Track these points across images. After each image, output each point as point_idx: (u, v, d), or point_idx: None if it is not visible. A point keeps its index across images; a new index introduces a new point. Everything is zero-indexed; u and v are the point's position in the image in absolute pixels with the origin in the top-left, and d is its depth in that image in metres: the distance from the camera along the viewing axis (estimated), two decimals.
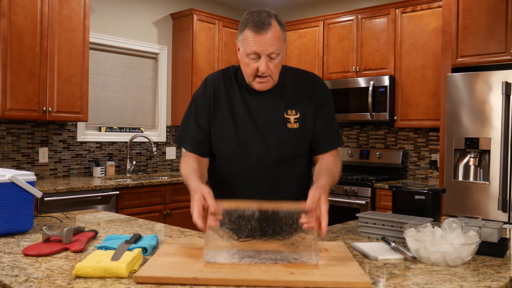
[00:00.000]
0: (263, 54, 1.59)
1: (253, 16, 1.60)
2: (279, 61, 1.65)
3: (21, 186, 1.71)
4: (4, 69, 3.48)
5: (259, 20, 1.58)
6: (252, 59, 1.61)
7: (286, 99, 1.74)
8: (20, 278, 1.22)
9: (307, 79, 1.80)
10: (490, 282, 1.22)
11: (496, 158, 3.29)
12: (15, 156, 3.91)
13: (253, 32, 1.58)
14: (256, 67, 1.62)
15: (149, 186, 4.10)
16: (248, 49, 1.60)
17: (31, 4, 3.62)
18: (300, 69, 1.88)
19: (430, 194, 1.79)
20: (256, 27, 1.58)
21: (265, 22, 1.58)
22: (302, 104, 1.74)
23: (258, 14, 1.61)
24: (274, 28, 1.59)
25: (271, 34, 1.58)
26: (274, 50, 1.59)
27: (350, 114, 4.62)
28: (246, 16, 1.63)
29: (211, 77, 1.81)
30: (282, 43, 1.63)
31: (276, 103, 1.73)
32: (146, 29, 4.92)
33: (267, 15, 1.61)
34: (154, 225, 2.00)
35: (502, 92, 3.25)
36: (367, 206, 4.15)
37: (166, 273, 1.21)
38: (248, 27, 1.59)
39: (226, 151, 1.74)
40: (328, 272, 1.24)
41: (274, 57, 1.61)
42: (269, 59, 1.61)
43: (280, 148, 1.71)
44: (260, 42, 1.58)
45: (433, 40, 4.16)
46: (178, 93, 5.05)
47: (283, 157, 1.72)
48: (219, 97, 1.75)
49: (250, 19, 1.60)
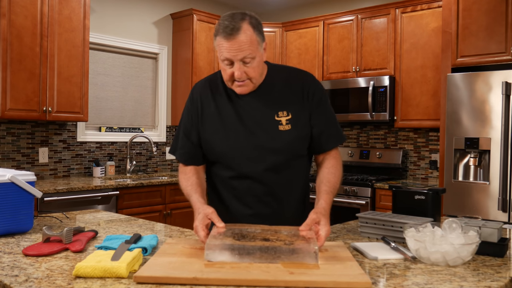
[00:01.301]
0: (235, 59, 1.54)
1: (224, 21, 1.55)
2: (257, 64, 1.59)
3: (21, 186, 1.71)
4: (4, 69, 3.48)
5: (228, 25, 1.53)
6: (226, 64, 1.57)
7: (276, 100, 1.69)
8: (20, 278, 1.22)
9: (297, 78, 1.74)
10: (490, 282, 1.22)
11: (496, 158, 3.29)
12: (15, 156, 3.91)
13: (223, 38, 1.53)
14: (231, 72, 1.58)
15: (149, 186, 4.11)
16: (221, 56, 1.57)
17: (31, 4, 3.62)
18: (290, 67, 1.82)
19: (430, 194, 1.79)
20: (225, 33, 1.53)
21: (234, 27, 1.52)
22: (294, 104, 1.69)
23: (230, 18, 1.55)
24: (245, 32, 1.53)
25: (241, 39, 1.52)
26: (246, 54, 1.54)
27: (350, 114, 4.62)
28: (219, 21, 1.58)
29: (198, 86, 1.78)
30: (256, 45, 1.56)
31: (266, 105, 1.68)
32: (146, 29, 4.92)
33: (239, 19, 1.55)
34: (154, 225, 2.00)
35: (502, 92, 3.25)
36: (367, 206, 4.15)
37: (166, 273, 1.21)
38: (219, 33, 1.55)
39: (218, 158, 1.71)
40: (328, 272, 1.24)
41: (248, 61, 1.56)
42: (242, 64, 1.56)
43: (273, 151, 1.67)
44: (230, 48, 1.53)
45: (433, 40, 4.16)
46: (178, 93, 5.05)
47: (277, 160, 1.68)
48: (206, 105, 1.71)
49: (221, 24, 1.55)
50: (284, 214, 1.72)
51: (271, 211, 1.70)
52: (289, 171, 1.72)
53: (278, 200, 1.71)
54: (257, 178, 1.68)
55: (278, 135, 1.66)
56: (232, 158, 1.68)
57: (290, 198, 1.74)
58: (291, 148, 1.69)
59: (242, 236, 1.39)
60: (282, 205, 1.72)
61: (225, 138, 1.68)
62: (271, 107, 1.68)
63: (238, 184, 1.70)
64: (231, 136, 1.67)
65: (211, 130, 1.70)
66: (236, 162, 1.68)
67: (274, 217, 1.69)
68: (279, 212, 1.71)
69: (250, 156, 1.66)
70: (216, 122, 1.69)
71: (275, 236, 1.40)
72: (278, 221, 1.63)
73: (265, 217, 1.68)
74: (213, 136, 1.69)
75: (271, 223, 1.57)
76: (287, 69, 1.80)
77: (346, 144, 5.11)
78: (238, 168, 1.69)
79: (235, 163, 1.68)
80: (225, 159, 1.70)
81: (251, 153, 1.66)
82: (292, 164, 1.72)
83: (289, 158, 1.70)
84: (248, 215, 1.70)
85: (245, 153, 1.67)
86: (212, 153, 1.72)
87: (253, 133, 1.66)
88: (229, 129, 1.68)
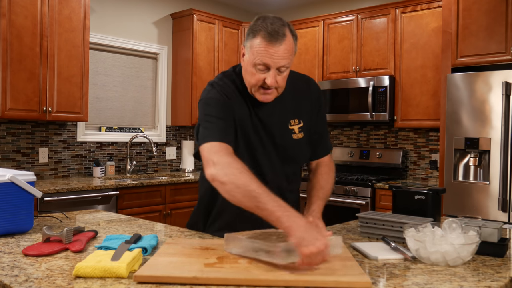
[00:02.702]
0: (274, 67, 1.46)
1: (267, 23, 1.45)
2: (287, 74, 1.53)
3: (21, 186, 1.71)
4: (4, 69, 3.48)
5: (273, 29, 1.43)
6: (259, 69, 1.48)
7: (288, 108, 1.64)
8: (20, 278, 1.22)
9: (305, 85, 1.71)
10: (490, 282, 1.22)
11: (496, 158, 3.29)
12: (15, 156, 3.91)
13: (265, 42, 1.43)
14: (263, 78, 1.49)
15: (149, 186, 4.10)
16: (257, 59, 1.46)
17: (31, 4, 3.62)
18: (295, 72, 1.75)
19: (430, 194, 1.79)
20: (270, 37, 1.43)
21: (279, 33, 1.44)
22: (304, 112, 1.67)
23: (272, 21, 1.46)
24: (288, 40, 1.46)
25: (285, 46, 1.45)
26: (285, 63, 1.47)
27: (350, 114, 4.61)
28: (258, 22, 1.48)
29: (219, 84, 1.63)
30: (293, 55, 1.50)
31: (280, 114, 1.63)
32: (146, 29, 4.92)
33: (281, 24, 1.46)
34: (154, 225, 2.00)
35: (502, 92, 3.25)
36: (367, 206, 4.15)
37: (166, 272, 1.21)
38: (260, 35, 1.44)
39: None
40: (328, 272, 1.24)
41: (283, 70, 1.49)
42: (278, 72, 1.49)
43: (290, 160, 1.66)
44: (272, 54, 1.44)
45: (433, 40, 4.16)
46: (178, 93, 5.05)
47: (291, 169, 1.67)
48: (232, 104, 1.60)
49: (264, 27, 1.44)
50: None
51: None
52: (296, 178, 1.73)
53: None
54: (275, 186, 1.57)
55: (294, 144, 1.65)
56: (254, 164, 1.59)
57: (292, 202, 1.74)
58: (305, 156, 1.70)
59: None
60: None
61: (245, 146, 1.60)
62: (284, 116, 1.65)
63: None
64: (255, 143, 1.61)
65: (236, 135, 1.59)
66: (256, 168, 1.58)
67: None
68: None
69: (271, 164, 1.64)
70: (238, 128, 1.60)
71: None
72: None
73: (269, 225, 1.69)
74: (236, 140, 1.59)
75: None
76: (294, 75, 1.73)
77: (346, 144, 5.11)
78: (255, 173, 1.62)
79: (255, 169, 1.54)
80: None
81: (272, 161, 1.64)
82: (299, 171, 1.74)
83: (298, 165, 1.71)
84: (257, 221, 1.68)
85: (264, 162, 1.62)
86: None
87: (273, 141, 1.62)
88: (250, 137, 1.61)
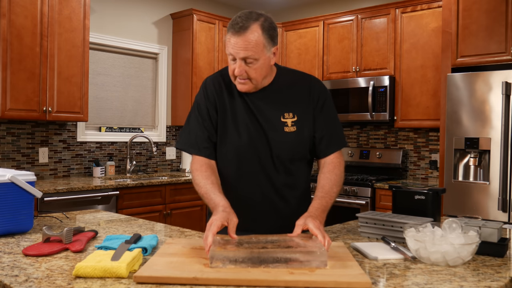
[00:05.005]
0: (237, 57, 1.57)
1: (236, 18, 1.58)
2: (260, 66, 1.60)
3: (21, 186, 1.71)
4: (4, 69, 3.48)
5: (238, 22, 1.56)
6: (231, 59, 1.61)
7: (283, 101, 1.71)
8: (20, 278, 1.22)
9: (304, 81, 1.77)
10: (490, 282, 1.22)
11: (496, 158, 3.29)
12: (15, 156, 3.91)
13: (230, 34, 1.57)
14: (233, 68, 1.61)
15: (149, 186, 4.10)
16: (226, 50, 1.60)
17: (31, 4, 3.62)
18: (297, 70, 1.85)
19: (430, 194, 1.79)
20: (233, 29, 1.56)
21: (243, 26, 1.55)
22: (300, 107, 1.71)
23: (240, 15, 1.59)
24: (252, 32, 1.55)
25: (245, 38, 1.54)
26: (248, 55, 1.56)
27: (350, 114, 4.62)
28: (234, 16, 1.61)
29: (210, 79, 1.78)
30: (262, 48, 1.57)
31: (272, 106, 1.70)
32: (146, 29, 4.92)
33: (253, 19, 1.57)
34: (154, 225, 2.00)
35: (502, 92, 3.25)
36: (367, 206, 4.15)
37: (166, 273, 1.21)
38: (229, 27, 1.59)
39: (228, 154, 1.72)
40: (328, 272, 1.24)
41: (250, 61, 1.58)
42: (244, 63, 1.58)
43: (279, 151, 1.69)
44: (234, 44, 1.56)
45: (433, 40, 4.16)
46: (178, 93, 5.05)
47: (281, 161, 1.71)
48: (221, 99, 1.73)
49: (232, 20, 1.58)
50: (285, 212, 1.74)
51: (273, 208, 1.73)
52: (291, 172, 1.74)
53: (280, 198, 1.74)
54: (263, 177, 1.70)
55: (284, 136, 1.69)
56: (239, 156, 1.70)
57: (291, 197, 1.75)
58: (295, 150, 1.72)
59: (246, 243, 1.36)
60: (283, 203, 1.74)
61: (237, 135, 1.70)
62: (277, 108, 1.70)
63: (242, 182, 1.72)
64: (243, 131, 1.69)
65: (224, 125, 1.71)
66: (243, 160, 1.70)
67: (276, 214, 1.73)
68: (281, 209, 1.74)
69: (259, 153, 1.69)
70: (229, 116, 1.71)
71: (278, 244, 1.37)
72: (279, 219, 1.70)
73: (267, 214, 1.73)
74: (226, 131, 1.71)
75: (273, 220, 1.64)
76: (295, 72, 1.83)
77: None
78: (244, 166, 1.71)
79: (242, 161, 1.70)
80: (232, 156, 1.71)
81: (261, 149, 1.69)
82: (294, 166, 1.74)
83: (291, 159, 1.73)
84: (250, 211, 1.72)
85: (253, 152, 1.69)
86: (222, 148, 1.73)
87: (263, 130, 1.69)
88: (240, 125, 1.70)
